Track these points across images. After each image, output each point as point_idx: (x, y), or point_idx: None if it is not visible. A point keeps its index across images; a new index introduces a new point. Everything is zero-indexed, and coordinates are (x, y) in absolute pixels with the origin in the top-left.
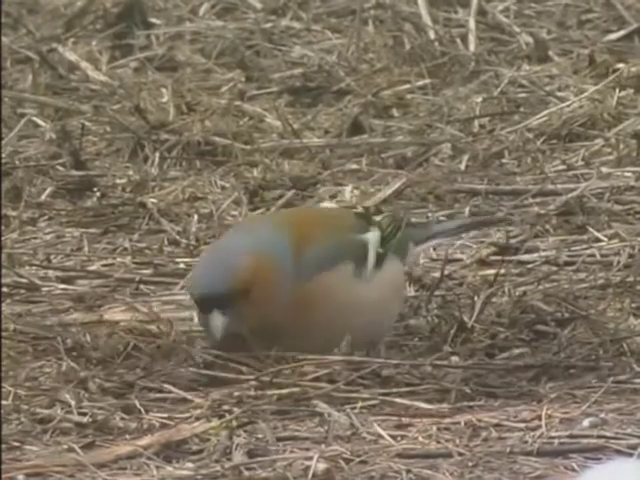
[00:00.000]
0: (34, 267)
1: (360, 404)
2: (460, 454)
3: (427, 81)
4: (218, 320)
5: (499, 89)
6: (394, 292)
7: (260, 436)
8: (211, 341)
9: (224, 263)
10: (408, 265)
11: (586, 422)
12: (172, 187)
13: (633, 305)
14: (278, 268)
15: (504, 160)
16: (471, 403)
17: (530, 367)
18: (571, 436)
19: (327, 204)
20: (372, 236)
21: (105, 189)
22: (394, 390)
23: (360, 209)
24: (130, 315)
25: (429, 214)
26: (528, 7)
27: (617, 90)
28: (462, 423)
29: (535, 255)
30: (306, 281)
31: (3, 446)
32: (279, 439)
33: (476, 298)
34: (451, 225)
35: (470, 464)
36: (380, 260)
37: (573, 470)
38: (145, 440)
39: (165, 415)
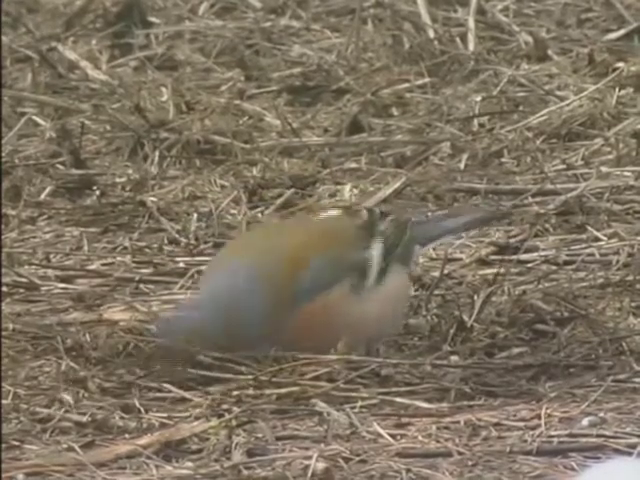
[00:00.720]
0: (33, 266)
1: (359, 403)
2: (460, 453)
3: (426, 80)
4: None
5: (498, 88)
6: (395, 304)
7: (259, 435)
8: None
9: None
10: (412, 268)
11: (585, 421)
12: (172, 186)
13: (632, 304)
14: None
15: (503, 159)
16: (471, 402)
17: (529, 366)
18: (570, 435)
19: (327, 202)
20: (374, 251)
21: (105, 188)
22: (393, 389)
23: (363, 218)
24: (130, 314)
25: (428, 213)
26: (527, 6)
27: (617, 89)
28: (462, 422)
29: (535, 254)
30: (304, 304)
31: (3, 445)
32: (278, 438)
33: (476, 297)
34: (456, 223)
35: (470, 463)
36: (382, 273)
37: (572, 469)
38: (144, 439)
39: (164, 414)
